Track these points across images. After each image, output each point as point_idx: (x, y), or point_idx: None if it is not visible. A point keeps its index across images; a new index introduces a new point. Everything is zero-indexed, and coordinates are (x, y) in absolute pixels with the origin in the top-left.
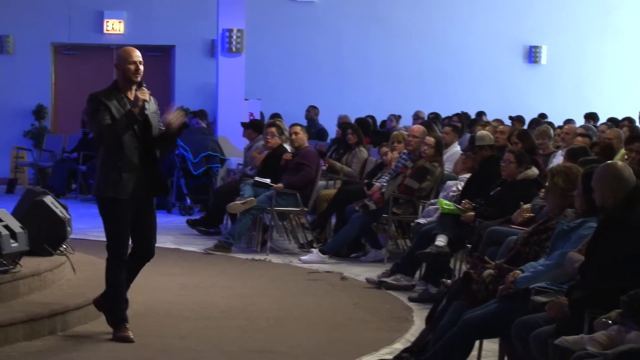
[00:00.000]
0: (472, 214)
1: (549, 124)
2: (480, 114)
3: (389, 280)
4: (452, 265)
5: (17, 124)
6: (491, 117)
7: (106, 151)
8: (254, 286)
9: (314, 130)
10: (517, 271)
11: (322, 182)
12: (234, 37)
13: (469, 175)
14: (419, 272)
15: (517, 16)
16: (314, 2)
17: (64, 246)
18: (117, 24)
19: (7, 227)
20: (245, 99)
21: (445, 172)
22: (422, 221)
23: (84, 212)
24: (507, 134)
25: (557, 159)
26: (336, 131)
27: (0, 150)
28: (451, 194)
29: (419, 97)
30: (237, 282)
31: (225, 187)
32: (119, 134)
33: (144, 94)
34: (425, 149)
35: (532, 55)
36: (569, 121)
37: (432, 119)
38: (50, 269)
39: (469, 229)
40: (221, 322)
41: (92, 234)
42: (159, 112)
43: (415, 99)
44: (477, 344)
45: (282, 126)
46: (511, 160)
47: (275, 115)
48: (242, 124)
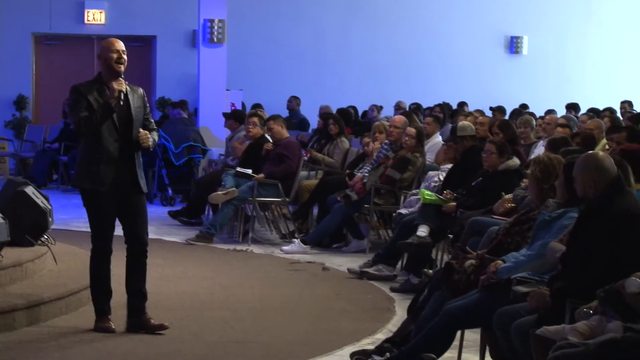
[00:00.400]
0: (454, 204)
1: (530, 115)
2: (461, 105)
3: (371, 270)
4: (433, 255)
5: None
6: (472, 107)
7: (86, 143)
8: (235, 276)
9: (296, 120)
10: (499, 261)
11: (303, 173)
12: (216, 27)
13: (450, 165)
14: (400, 263)
15: (499, 7)
16: None
17: (46, 237)
18: (98, 14)
19: None
20: (226, 89)
21: (426, 162)
22: (403, 211)
23: (65, 202)
24: (487, 124)
25: (539, 149)
26: (318, 121)
27: None
28: (433, 184)
29: (400, 88)
30: (218, 273)
31: (206, 177)
32: (95, 126)
33: (120, 84)
34: (406, 139)
35: (513, 45)
36: (550, 112)
37: (414, 109)
38: (31, 260)
39: (451, 219)
40: (203, 312)
41: (73, 224)
42: (147, 106)
43: (396, 90)
44: (458, 334)
45: (264, 116)
46: (492, 150)
47: (256, 105)
48: (224, 115)
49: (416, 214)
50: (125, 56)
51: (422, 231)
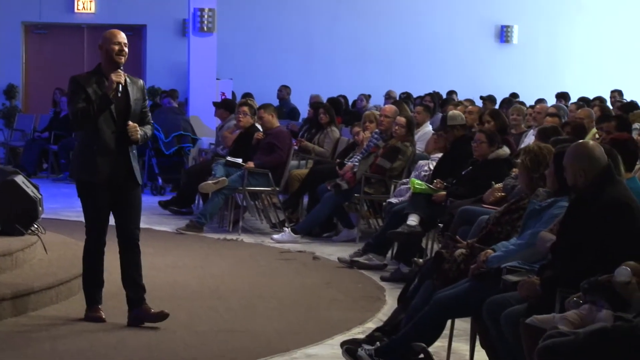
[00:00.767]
0: (444, 193)
1: (520, 104)
2: (451, 94)
3: (361, 259)
4: (423, 244)
5: None
6: (462, 96)
7: (83, 134)
8: (225, 266)
9: (286, 109)
10: (489, 250)
11: (294, 162)
12: (206, 16)
13: (440, 154)
14: (390, 252)
15: None
16: None
17: (36, 226)
18: (88, 3)
19: None
20: (217, 79)
21: (417, 151)
22: (393, 201)
23: (55, 191)
24: (476, 114)
25: (529, 139)
26: (308, 111)
27: None
28: (423, 174)
29: (389, 77)
30: (208, 262)
31: (197, 166)
32: (92, 117)
33: (119, 76)
34: (396, 128)
35: (503, 34)
36: (540, 101)
37: (404, 98)
38: (21, 249)
39: (441, 208)
40: (193, 302)
41: (63, 213)
42: (146, 99)
43: (386, 79)
44: (448, 323)
45: (254, 105)
46: (482, 140)
47: (247, 94)
48: (214, 104)
49: (406, 203)
50: (126, 48)
51: (412, 220)
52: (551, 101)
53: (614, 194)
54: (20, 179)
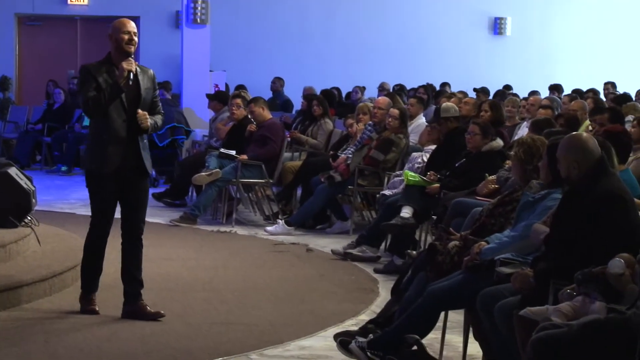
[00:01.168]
0: (437, 185)
1: (513, 96)
2: (444, 86)
3: (355, 251)
4: (417, 236)
5: None
6: (455, 89)
7: (94, 124)
8: (219, 258)
9: (279, 101)
10: (483, 242)
11: (287, 154)
12: (199, 8)
13: (434, 146)
14: (384, 244)
15: None
16: None
17: (29, 218)
18: None
19: None
20: (210, 70)
21: (410, 143)
22: (387, 193)
23: (48, 183)
24: (473, 105)
25: (522, 131)
26: (301, 103)
27: None
28: (416, 166)
29: (383, 69)
30: (202, 254)
31: (190, 158)
32: (103, 106)
33: (130, 64)
34: (389, 120)
35: (497, 26)
36: (533, 93)
37: (398, 90)
38: (15, 241)
39: (434, 200)
40: (186, 293)
41: (57, 205)
42: (157, 88)
43: (379, 71)
44: (442, 315)
45: (247, 97)
46: (476, 132)
47: (240, 86)
48: (207, 96)
49: (400, 195)
50: (136, 37)
51: (406, 212)
52: (544, 93)
53: (608, 186)
54: (13, 171)
